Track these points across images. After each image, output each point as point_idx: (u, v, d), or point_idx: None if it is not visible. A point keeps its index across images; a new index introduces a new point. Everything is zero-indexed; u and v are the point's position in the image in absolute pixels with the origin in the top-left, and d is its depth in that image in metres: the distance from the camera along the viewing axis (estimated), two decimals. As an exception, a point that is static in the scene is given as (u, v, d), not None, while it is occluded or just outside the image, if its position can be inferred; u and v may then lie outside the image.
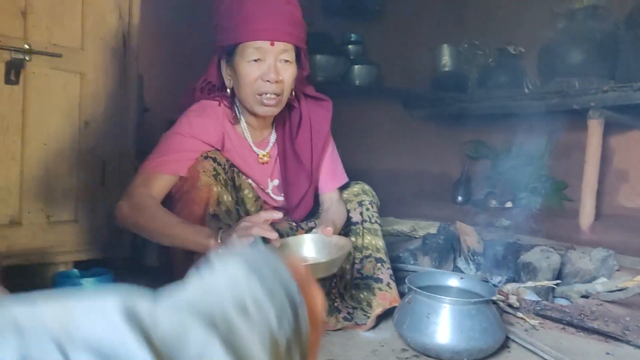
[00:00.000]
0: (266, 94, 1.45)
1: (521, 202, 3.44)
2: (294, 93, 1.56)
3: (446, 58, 3.77)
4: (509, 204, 3.46)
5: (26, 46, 1.78)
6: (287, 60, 1.47)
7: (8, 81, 1.76)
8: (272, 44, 1.42)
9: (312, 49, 3.36)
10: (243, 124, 1.59)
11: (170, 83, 2.86)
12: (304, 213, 1.68)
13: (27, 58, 1.78)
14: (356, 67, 3.49)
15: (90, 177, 1.97)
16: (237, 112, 1.57)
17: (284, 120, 1.64)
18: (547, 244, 2.56)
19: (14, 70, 1.76)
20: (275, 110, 1.51)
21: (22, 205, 1.82)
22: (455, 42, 3.79)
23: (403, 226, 2.89)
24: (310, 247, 1.40)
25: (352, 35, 3.60)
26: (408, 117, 3.83)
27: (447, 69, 3.76)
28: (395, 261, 2.18)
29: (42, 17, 1.82)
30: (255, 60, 1.43)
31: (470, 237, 2.48)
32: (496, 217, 3.23)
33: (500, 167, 3.63)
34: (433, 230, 2.67)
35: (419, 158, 3.82)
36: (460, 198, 3.68)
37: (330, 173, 1.71)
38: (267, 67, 1.43)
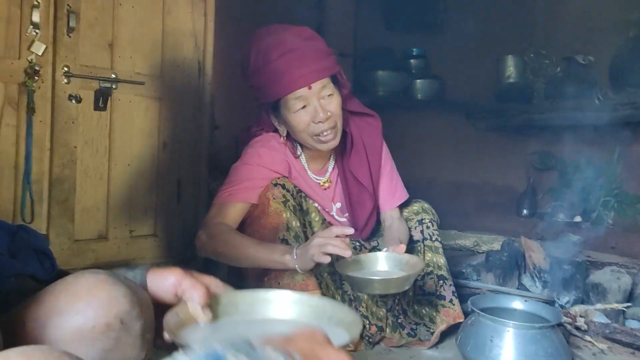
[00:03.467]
0: (322, 133, 1.51)
1: (591, 217, 3.32)
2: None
3: (511, 69, 3.71)
4: (577, 218, 3.35)
5: (113, 76, 1.95)
6: (330, 94, 1.51)
7: (97, 108, 1.93)
8: (310, 88, 1.46)
9: (374, 64, 3.44)
10: (303, 157, 1.67)
11: (238, 101, 3.00)
12: (369, 231, 1.73)
13: (114, 86, 1.94)
14: (418, 81, 3.51)
15: (167, 194, 2.12)
16: (296, 146, 1.64)
17: (340, 144, 1.69)
18: (618, 262, 2.48)
19: (102, 98, 1.93)
20: (336, 142, 1.57)
21: (109, 221, 1.98)
22: (520, 52, 3.73)
23: (466, 241, 2.88)
24: (383, 264, 1.46)
25: (414, 49, 3.62)
26: (471, 128, 3.80)
27: (511, 80, 3.70)
28: (458, 277, 2.19)
29: (126, 48, 1.98)
30: (301, 108, 1.49)
31: (536, 253, 2.44)
32: (564, 232, 3.14)
33: (569, 179, 3.52)
34: (497, 245, 2.65)
35: (482, 170, 3.78)
36: (525, 211, 3.60)
37: (391, 191, 1.76)
38: (314, 109, 1.48)
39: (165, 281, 0.70)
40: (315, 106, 1.48)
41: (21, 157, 1.78)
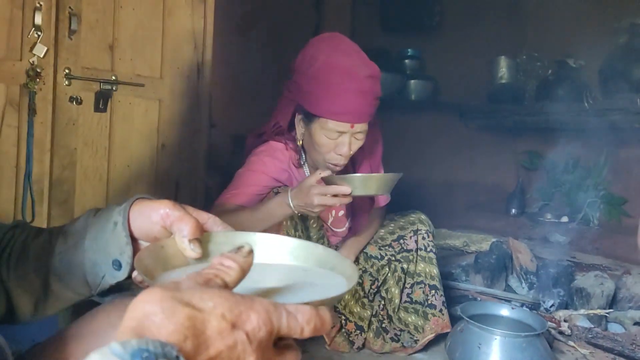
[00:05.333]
0: (336, 163, 1.55)
1: (578, 217, 3.40)
2: None
3: (503, 70, 3.76)
4: (564, 219, 3.43)
5: (113, 77, 1.97)
6: (362, 138, 1.54)
7: (97, 109, 1.95)
8: (352, 126, 1.50)
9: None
10: (306, 167, 1.71)
11: (235, 99, 3.02)
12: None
13: (114, 88, 1.96)
14: (412, 82, 3.55)
15: (165, 195, 2.14)
16: (301, 156, 1.68)
17: None
18: (603, 264, 2.56)
19: (103, 100, 1.95)
20: (338, 170, 1.60)
21: (107, 221, 2.01)
22: (513, 54, 3.78)
23: (455, 240, 2.94)
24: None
25: (409, 50, 3.66)
26: (463, 128, 3.85)
27: (504, 81, 3.75)
28: (447, 278, 2.26)
29: (126, 50, 2.00)
30: (334, 137, 1.51)
31: (523, 255, 2.51)
32: (551, 232, 3.22)
33: (557, 179, 3.60)
34: (485, 246, 2.72)
35: (473, 169, 3.84)
36: (514, 210, 3.67)
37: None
38: (342, 143, 1.51)
39: (153, 212, 0.62)
40: (345, 141, 1.50)
41: (22, 157, 1.80)
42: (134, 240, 0.65)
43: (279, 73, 2.36)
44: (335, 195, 1.35)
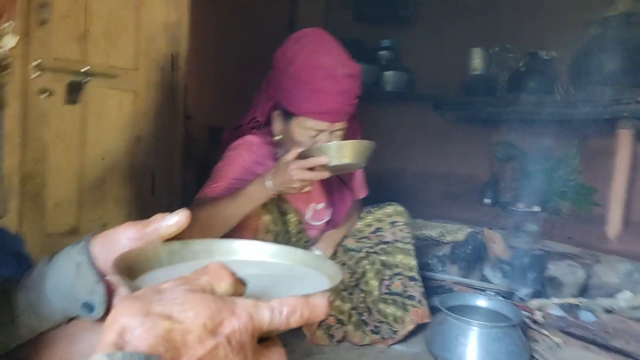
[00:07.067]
0: None
1: (549, 206, 3.47)
2: None
3: (477, 61, 3.79)
4: (536, 208, 3.50)
5: (86, 69, 1.92)
6: (340, 134, 1.54)
7: (69, 102, 1.91)
8: (332, 125, 1.49)
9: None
10: None
11: (210, 90, 2.99)
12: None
13: (87, 80, 1.92)
14: (387, 73, 3.55)
15: (141, 187, 2.12)
16: (278, 151, 1.65)
17: None
18: (573, 252, 2.63)
19: (75, 92, 1.91)
20: None
21: (81, 215, 1.98)
22: (486, 46, 3.82)
23: (431, 231, 2.98)
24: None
25: (384, 41, 3.66)
26: (438, 119, 3.89)
27: (477, 72, 3.79)
28: (424, 268, 2.28)
29: (99, 41, 1.95)
30: (313, 135, 1.50)
31: (497, 244, 2.56)
32: (523, 222, 3.28)
33: (529, 170, 3.66)
34: (461, 235, 2.76)
35: (449, 160, 3.89)
36: (488, 200, 3.73)
37: (355, 186, 1.83)
38: (320, 140, 1.49)
39: (118, 238, 0.59)
40: (323, 139, 1.49)
41: (-9, 151, 1.76)
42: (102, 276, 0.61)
43: (254, 64, 2.34)
44: (312, 169, 1.35)
